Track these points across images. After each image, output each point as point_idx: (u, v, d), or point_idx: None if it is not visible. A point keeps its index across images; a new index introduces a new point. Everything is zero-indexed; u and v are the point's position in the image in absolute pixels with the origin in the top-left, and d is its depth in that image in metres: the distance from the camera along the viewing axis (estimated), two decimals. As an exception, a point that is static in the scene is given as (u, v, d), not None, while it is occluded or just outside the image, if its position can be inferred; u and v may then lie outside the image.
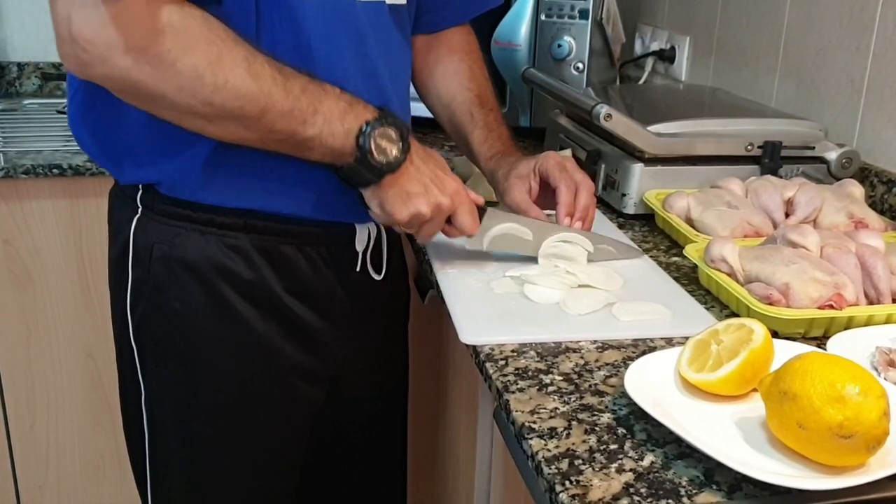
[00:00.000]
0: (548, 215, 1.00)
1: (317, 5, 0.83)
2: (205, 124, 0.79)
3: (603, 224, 1.13)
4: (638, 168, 1.15)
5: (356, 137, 0.80)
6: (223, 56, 0.75)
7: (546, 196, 1.01)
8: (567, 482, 0.59)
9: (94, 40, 0.72)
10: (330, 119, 0.80)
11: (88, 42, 0.72)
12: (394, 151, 0.82)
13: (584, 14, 1.54)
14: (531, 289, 0.89)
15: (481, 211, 0.92)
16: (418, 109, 1.43)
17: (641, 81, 1.86)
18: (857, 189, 1.08)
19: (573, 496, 0.58)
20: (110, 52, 0.73)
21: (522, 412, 0.68)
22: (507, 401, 0.70)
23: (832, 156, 1.17)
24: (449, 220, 0.90)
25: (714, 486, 0.59)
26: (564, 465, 0.61)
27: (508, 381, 0.73)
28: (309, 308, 0.94)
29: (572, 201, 0.99)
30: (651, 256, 1.02)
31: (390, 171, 0.83)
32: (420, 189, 0.85)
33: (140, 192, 0.89)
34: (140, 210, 0.89)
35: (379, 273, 0.99)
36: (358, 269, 0.97)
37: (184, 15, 0.74)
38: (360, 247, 0.96)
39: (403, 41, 0.96)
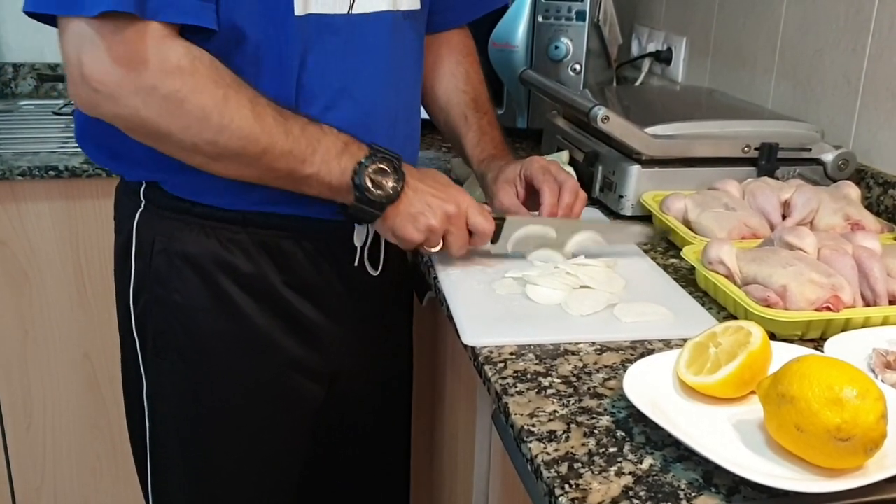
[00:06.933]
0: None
1: (319, 22, 0.85)
2: (207, 161, 0.82)
3: (600, 225, 1.13)
4: (635, 170, 1.15)
5: (352, 177, 0.84)
6: (229, 97, 0.79)
7: (532, 199, 1.02)
8: (566, 486, 0.59)
9: (105, 80, 0.76)
10: (327, 158, 0.83)
11: (99, 82, 0.76)
12: (390, 183, 0.85)
13: (581, 16, 1.54)
14: (533, 289, 0.89)
15: (501, 221, 0.94)
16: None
17: (638, 83, 1.86)
18: (853, 191, 1.09)
19: (573, 500, 0.58)
20: (121, 91, 0.76)
21: (521, 415, 0.68)
22: (506, 404, 0.70)
23: (829, 157, 1.17)
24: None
25: (713, 489, 0.60)
26: (564, 468, 0.61)
27: (507, 383, 0.73)
28: (308, 302, 0.95)
29: (555, 202, 1.00)
30: (649, 258, 1.02)
31: (390, 203, 0.86)
32: (423, 206, 0.87)
33: (143, 186, 0.91)
34: (143, 204, 0.91)
35: (376, 269, 1.00)
36: (356, 263, 0.97)
37: (192, 58, 0.77)
38: (357, 242, 0.96)
39: (418, 46, 0.98)
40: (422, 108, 1.07)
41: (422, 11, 0.97)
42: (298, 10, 0.84)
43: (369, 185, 0.84)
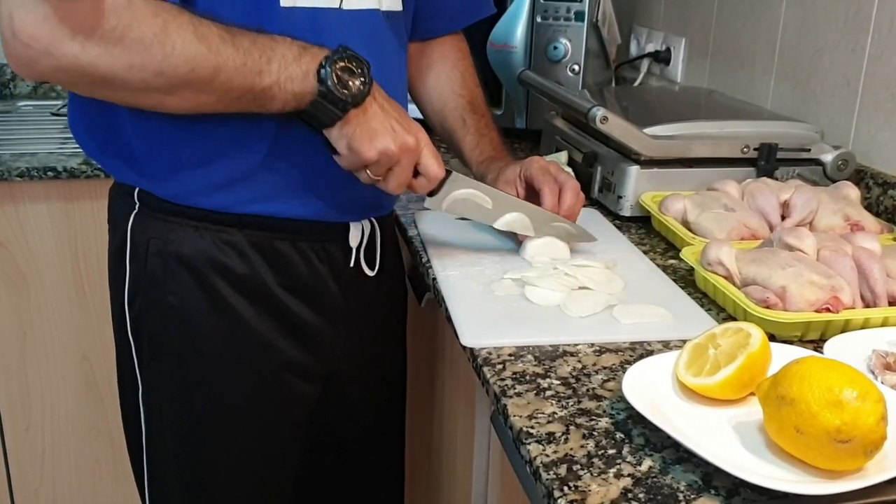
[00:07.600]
0: None
1: (307, 15, 0.84)
2: (162, 97, 0.78)
3: (600, 225, 1.13)
4: (634, 170, 1.15)
5: (316, 74, 0.79)
6: (168, 24, 0.74)
7: (532, 199, 1.02)
8: (566, 488, 0.59)
9: (38, 34, 0.72)
10: (285, 64, 0.78)
11: (31, 37, 0.72)
12: (357, 83, 0.80)
13: (579, 16, 1.54)
14: (532, 291, 0.89)
15: (446, 174, 0.92)
16: (412, 111, 1.44)
17: (637, 83, 1.86)
18: (852, 191, 1.09)
19: (571, 502, 0.58)
20: (55, 42, 0.72)
21: (520, 417, 0.68)
22: (505, 405, 0.70)
23: (828, 158, 1.17)
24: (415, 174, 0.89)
25: (712, 491, 0.59)
26: (563, 470, 0.61)
27: (506, 385, 0.73)
28: (303, 303, 0.94)
29: (555, 203, 1.00)
30: (648, 259, 1.02)
31: (355, 105, 0.81)
32: (386, 127, 0.83)
33: (137, 189, 0.90)
34: (137, 206, 0.91)
35: (372, 269, 1.00)
36: (351, 264, 0.97)
37: None
38: (353, 242, 0.96)
39: (399, 48, 0.97)
40: (412, 108, 1.07)
41: (404, 14, 0.96)
42: (285, 2, 0.82)
43: (335, 80, 0.78)
